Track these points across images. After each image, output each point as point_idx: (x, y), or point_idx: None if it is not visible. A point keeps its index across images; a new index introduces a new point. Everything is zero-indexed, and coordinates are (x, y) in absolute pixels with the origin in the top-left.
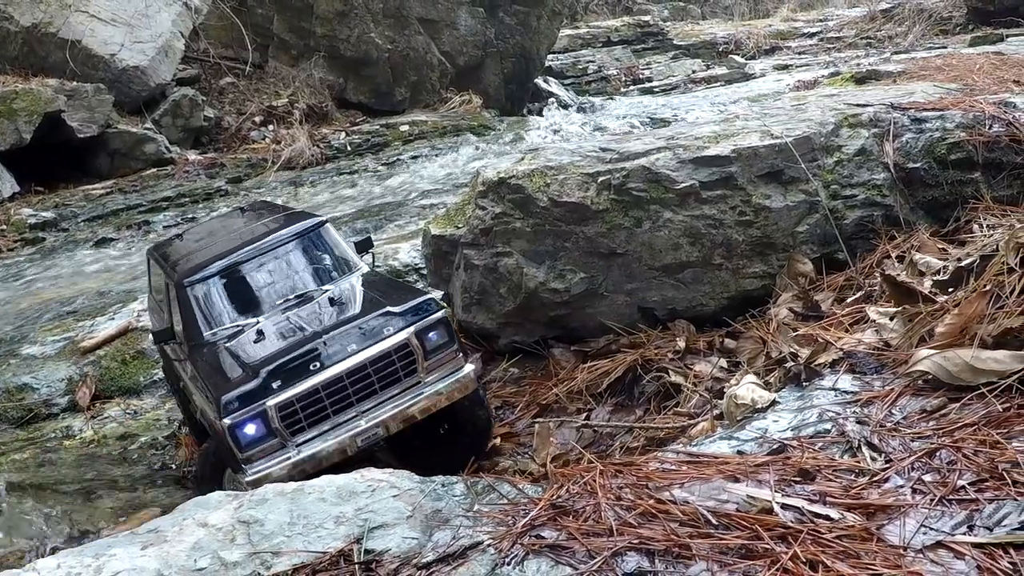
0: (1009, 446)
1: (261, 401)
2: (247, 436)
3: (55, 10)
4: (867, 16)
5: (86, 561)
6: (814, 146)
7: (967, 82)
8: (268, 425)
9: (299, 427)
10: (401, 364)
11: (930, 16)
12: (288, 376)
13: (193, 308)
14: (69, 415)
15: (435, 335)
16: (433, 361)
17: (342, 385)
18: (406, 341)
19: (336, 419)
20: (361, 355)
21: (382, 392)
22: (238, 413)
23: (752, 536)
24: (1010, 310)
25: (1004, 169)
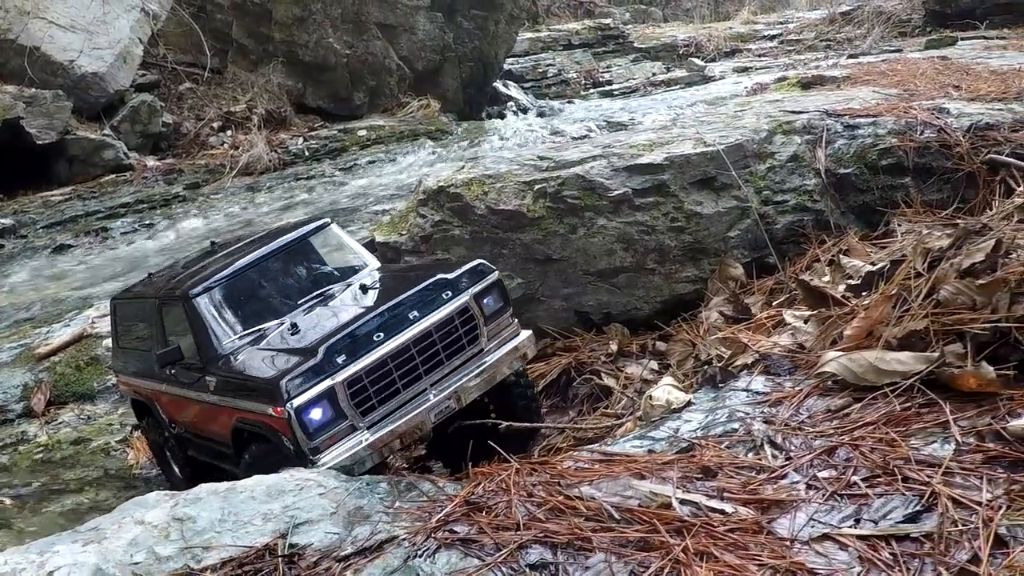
0: (904, 444)
1: (327, 379)
2: (314, 421)
3: (13, 16)
4: (826, 18)
5: (31, 558)
6: (747, 153)
7: (908, 87)
8: (336, 406)
9: (369, 406)
10: (464, 330)
11: (888, 18)
12: (351, 350)
13: (206, 320)
14: (24, 421)
15: (491, 300)
16: (493, 326)
17: (409, 355)
18: (467, 305)
19: (406, 394)
20: (425, 321)
21: (448, 362)
22: (303, 395)
23: (650, 530)
24: (915, 313)
25: (934, 174)
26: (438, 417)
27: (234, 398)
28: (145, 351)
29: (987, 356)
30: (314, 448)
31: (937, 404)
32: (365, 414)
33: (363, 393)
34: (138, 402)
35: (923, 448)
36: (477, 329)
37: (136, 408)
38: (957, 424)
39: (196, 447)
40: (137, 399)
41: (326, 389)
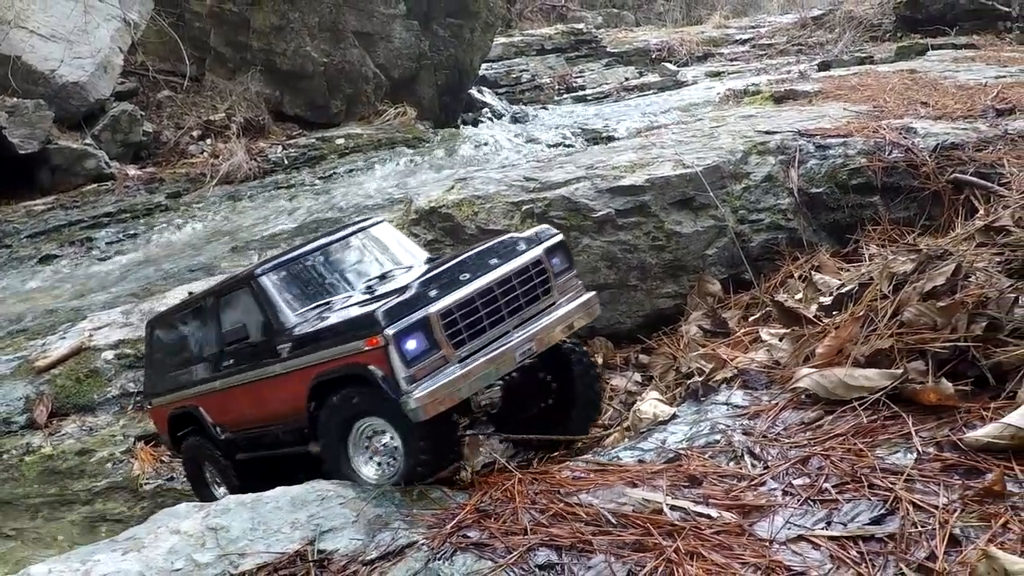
0: (870, 454)
1: (421, 309)
2: (410, 351)
3: None
4: (798, 23)
5: (74, 566)
6: (723, 174)
7: (878, 103)
8: (430, 337)
9: (460, 339)
10: (538, 281)
11: (860, 23)
12: (441, 287)
13: (272, 295)
14: (28, 432)
15: (558, 260)
16: (562, 283)
17: (493, 296)
18: (539, 258)
19: (491, 333)
20: (505, 267)
21: (527, 308)
22: (399, 323)
23: (644, 533)
24: (881, 333)
25: (901, 192)
26: (523, 356)
27: (315, 351)
28: (194, 358)
29: (947, 372)
30: (410, 377)
31: (901, 417)
32: (457, 347)
33: (454, 326)
34: (176, 421)
35: (887, 457)
36: (549, 282)
37: (173, 429)
38: (918, 435)
39: (250, 443)
40: (177, 414)
41: (421, 319)
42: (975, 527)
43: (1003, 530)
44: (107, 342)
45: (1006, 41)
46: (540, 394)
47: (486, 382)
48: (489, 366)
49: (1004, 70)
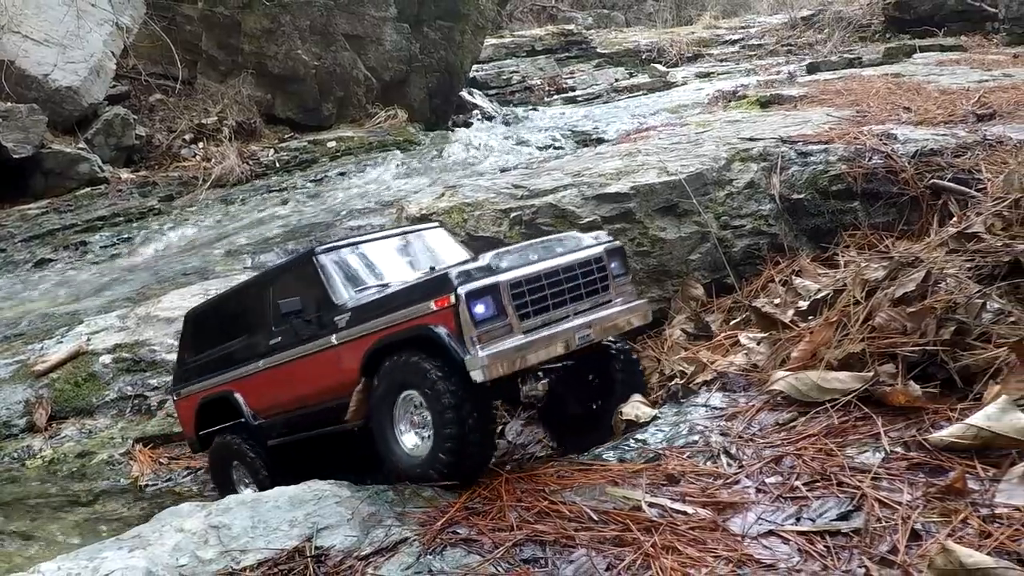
0: (841, 453)
1: (493, 276)
2: (479, 314)
3: None
4: (788, 24)
5: (82, 563)
6: (707, 181)
7: (862, 108)
8: (499, 304)
9: (526, 312)
10: (598, 276)
11: (849, 24)
12: (513, 260)
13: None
14: (28, 435)
15: (616, 264)
16: (619, 285)
17: (559, 279)
18: (601, 255)
19: (553, 314)
20: (571, 256)
21: (586, 299)
22: (471, 285)
23: (624, 528)
24: (853, 337)
25: (881, 198)
26: (581, 340)
27: (376, 319)
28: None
29: (916, 375)
30: (476, 338)
31: (871, 418)
32: (522, 319)
33: (521, 299)
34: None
35: (857, 456)
36: (608, 280)
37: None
38: (887, 435)
39: (287, 426)
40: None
41: (492, 284)
42: (936, 522)
43: (962, 525)
44: (104, 346)
45: (993, 42)
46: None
47: (546, 356)
48: (551, 341)
49: (987, 74)
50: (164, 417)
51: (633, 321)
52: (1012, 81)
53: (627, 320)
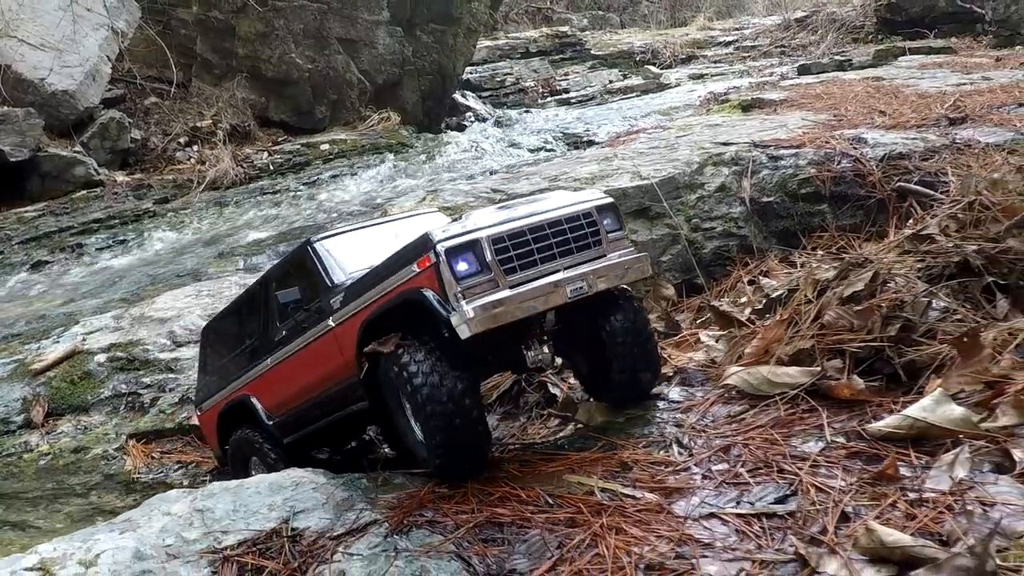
0: (785, 443)
1: (473, 232)
2: (461, 271)
3: None
4: (782, 25)
5: (76, 545)
6: (679, 185)
7: (839, 112)
8: (481, 259)
9: (511, 267)
10: (589, 231)
11: (842, 25)
12: (493, 220)
13: (326, 259)
14: (26, 431)
15: (609, 220)
16: (613, 240)
17: (545, 234)
18: (590, 211)
19: (542, 268)
20: (556, 211)
21: (577, 253)
22: (450, 242)
23: (577, 511)
24: (804, 334)
25: (849, 201)
26: (573, 293)
27: (369, 291)
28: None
29: (864, 370)
30: (460, 293)
31: (817, 410)
32: (507, 273)
33: (505, 253)
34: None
35: (799, 446)
36: (600, 235)
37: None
38: (830, 427)
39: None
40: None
41: (472, 240)
42: (866, 505)
43: (891, 508)
44: (99, 346)
45: (982, 44)
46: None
47: (534, 309)
48: (540, 293)
49: (967, 77)
50: (156, 413)
51: (631, 274)
52: (989, 84)
53: (623, 271)
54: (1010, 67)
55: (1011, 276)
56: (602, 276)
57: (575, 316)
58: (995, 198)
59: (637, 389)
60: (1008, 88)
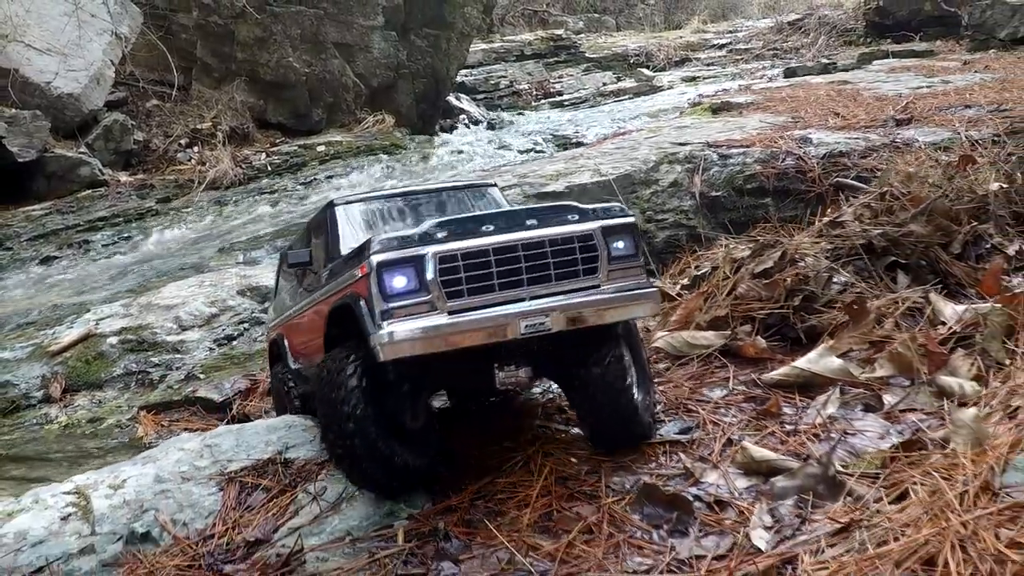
0: (696, 391)
1: (418, 247)
2: (394, 287)
3: None
4: (774, 28)
5: (104, 475)
6: (634, 181)
7: (798, 114)
8: (421, 278)
9: (457, 291)
10: (582, 257)
11: (833, 28)
12: (457, 231)
13: (339, 225)
14: (45, 405)
15: (622, 243)
16: (616, 269)
17: (515, 256)
18: (590, 233)
19: (501, 295)
20: (541, 230)
21: (557, 283)
22: (390, 254)
23: (516, 442)
24: (720, 304)
25: (791, 195)
26: (528, 329)
27: (338, 278)
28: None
29: (771, 335)
30: (386, 311)
31: (727, 366)
32: (451, 297)
33: (454, 274)
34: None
35: (707, 393)
36: (598, 262)
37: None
38: (735, 378)
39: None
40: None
41: (413, 256)
42: (749, 434)
43: (769, 436)
44: (111, 329)
45: (963, 47)
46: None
47: (472, 342)
48: (480, 326)
49: (928, 80)
50: (165, 389)
51: (622, 312)
52: (945, 88)
53: (611, 311)
54: (973, 70)
55: (912, 256)
56: (577, 313)
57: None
58: (905, 189)
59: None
60: (961, 91)
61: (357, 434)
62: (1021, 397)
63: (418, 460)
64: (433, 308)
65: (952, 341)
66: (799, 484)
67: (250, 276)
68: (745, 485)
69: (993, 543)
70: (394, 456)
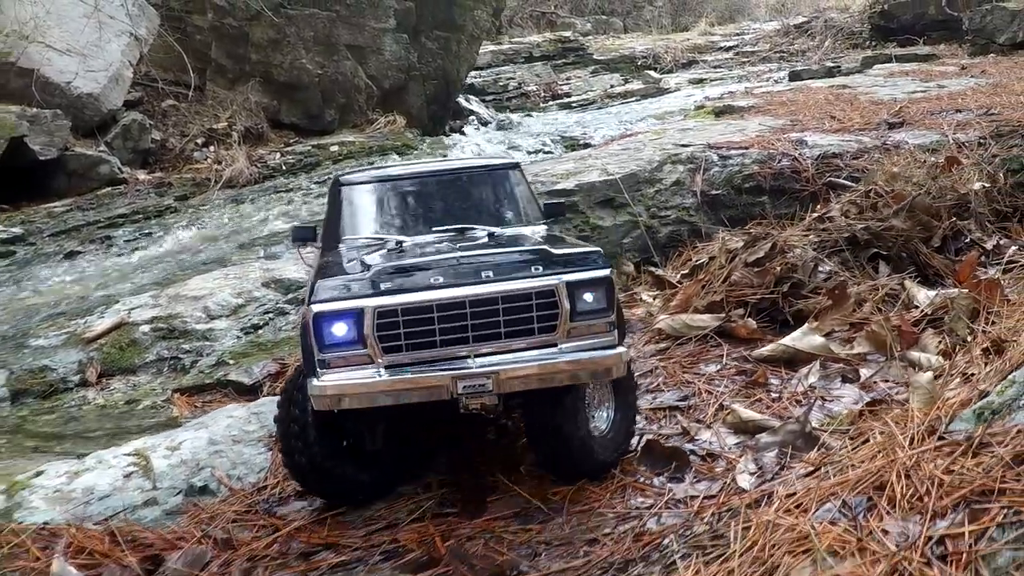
0: (693, 367)
1: (359, 299)
2: (333, 336)
3: (14, 41)
4: (781, 31)
5: (161, 439)
6: (639, 179)
7: (796, 117)
8: (360, 330)
9: (395, 345)
10: (539, 314)
11: (839, 31)
12: (401, 283)
13: (341, 209)
14: (82, 389)
15: (590, 296)
16: (580, 326)
17: (461, 313)
18: (551, 289)
19: (442, 352)
20: (493, 285)
21: (507, 340)
22: (330, 303)
23: None
24: (716, 290)
25: (786, 194)
26: (467, 390)
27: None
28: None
29: (762, 317)
30: (323, 361)
31: (721, 345)
32: (388, 352)
33: (392, 329)
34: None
35: (703, 368)
36: (558, 319)
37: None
38: (728, 355)
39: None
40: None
41: (353, 308)
42: (738, 401)
43: (757, 402)
44: (143, 318)
45: (965, 51)
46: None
47: (406, 400)
48: (415, 385)
49: (924, 85)
50: (196, 373)
51: (576, 377)
52: (939, 92)
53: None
54: (969, 75)
55: (893, 248)
56: (521, 375)
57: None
58: (889, 188)
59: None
60: (954, 96)
61: (304, 454)
62: (976, 366)
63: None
64: (370, 361)
65: (924, 322)
66: (780, 439)
67: (273, 269)
68: (734, 441)
69: (931, 470)
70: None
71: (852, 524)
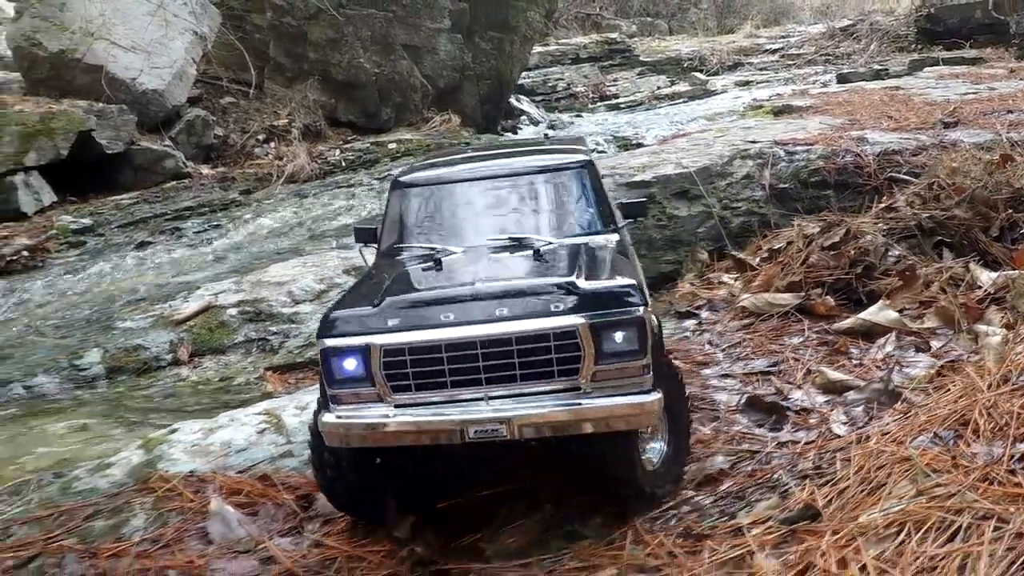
0: (777, 339)
1: (366, 335)
2: (345, 371)
3: (80, 38)
4: (826, 33)
5: (286, 400)
6: (712, 173)
7: (854, 117)
8: (368, 367)
9: (404, 385)
10: (559, 356)
11: (884, 34)
12: (411, 319)
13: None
14: (175, 367)
15: (620, 337)
16: (607, 369)
17: (472, 354)
18: (573, 330)
19: (453, 393)
20: (507, 325)
21: (523, 383)
22: (339, 339)
23: None
24: (795, 271)
25: (849, 188)
26: (479, 435)
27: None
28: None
29: (838, 296)
30: (335, 396)
31: (801, 320)
32: (396, 391)
33: (399, 368)
34: None
35: (787, 340)
36: (581, 362)
37: None
38: (809, 329)
39: None
40: None
41: (360, 345)
42: (824, 366)
43: (840, 367)
44: (229, 302)
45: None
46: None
47: (415, 442)
48: (423, 428)
49: (975, 87)
50: (286, 353)
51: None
52: (990, 94)
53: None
54: (1018, 77)
55: (956, 236)
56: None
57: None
58: (950, 181)
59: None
60: (1005, 97)
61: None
62: None
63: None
64: (380, 399)
65: (987, 301)
66: (866, 396)
67: (350, 258)
68: (823, 399)
69: (1008, 407)
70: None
71: (945, 449)
